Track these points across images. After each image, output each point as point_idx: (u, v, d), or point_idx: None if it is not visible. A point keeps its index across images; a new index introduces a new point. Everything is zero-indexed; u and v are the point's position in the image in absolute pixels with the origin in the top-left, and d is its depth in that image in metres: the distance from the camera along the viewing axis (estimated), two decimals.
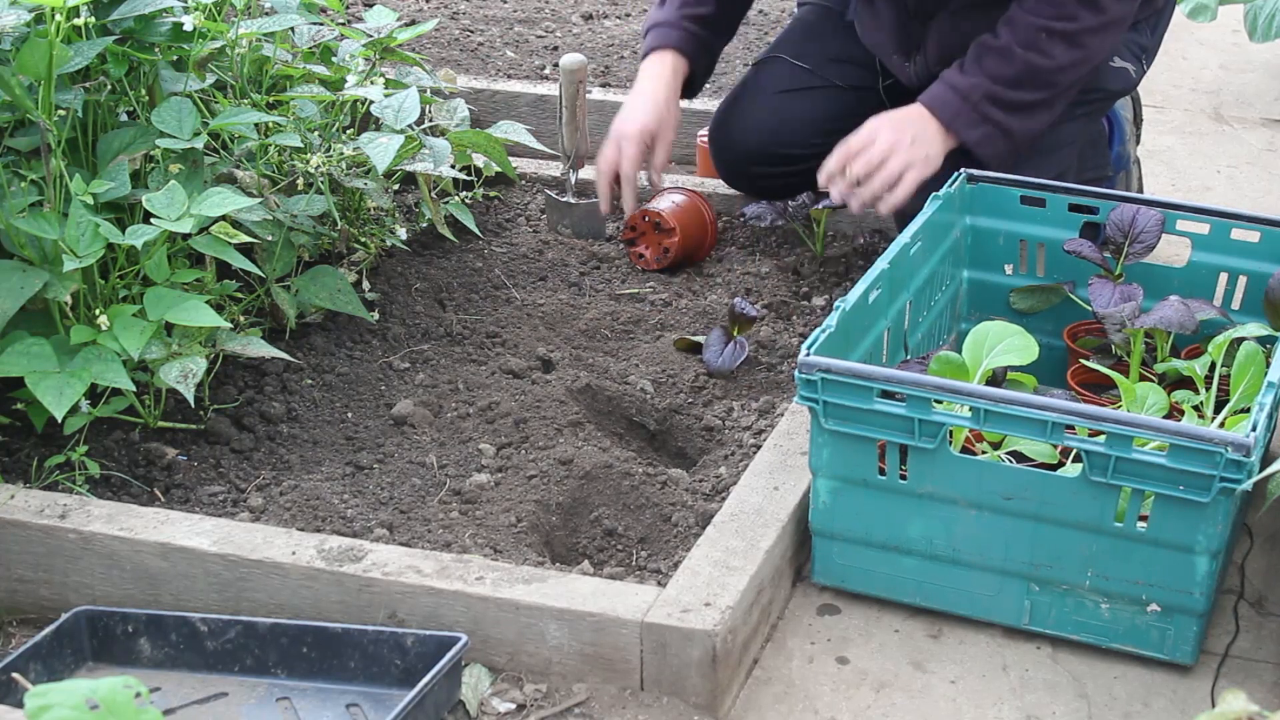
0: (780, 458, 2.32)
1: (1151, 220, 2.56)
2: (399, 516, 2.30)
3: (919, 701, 2.06)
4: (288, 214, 2.61)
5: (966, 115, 2.71)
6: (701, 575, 2.07)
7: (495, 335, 2.79)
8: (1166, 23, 2.99)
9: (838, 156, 2.74)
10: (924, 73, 2.89)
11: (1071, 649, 2.14)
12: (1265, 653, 2.14)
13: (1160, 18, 2.96)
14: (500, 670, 2.07)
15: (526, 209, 3.29)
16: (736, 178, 3.18)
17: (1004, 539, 2.10)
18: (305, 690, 2.03)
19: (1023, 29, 2.67)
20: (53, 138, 2.29)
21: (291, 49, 2.82)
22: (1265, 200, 3.55)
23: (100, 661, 2.09)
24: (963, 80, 2.71)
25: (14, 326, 2.27)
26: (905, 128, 2.72)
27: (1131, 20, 2.80)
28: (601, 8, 4.60)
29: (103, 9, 2.41)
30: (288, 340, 2.68)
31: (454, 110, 3.07)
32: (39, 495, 2.22)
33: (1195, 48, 4.50)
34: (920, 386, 2.06)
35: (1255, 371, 2.28)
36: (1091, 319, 2.57)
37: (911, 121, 2.73)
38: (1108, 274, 2.55)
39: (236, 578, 2.12)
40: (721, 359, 2.68)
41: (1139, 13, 2.88)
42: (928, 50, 2.88)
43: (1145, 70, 2.96)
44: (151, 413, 2.42)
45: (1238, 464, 1.93)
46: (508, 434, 2.48)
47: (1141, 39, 2.92)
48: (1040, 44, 2.66)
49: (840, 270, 3.05)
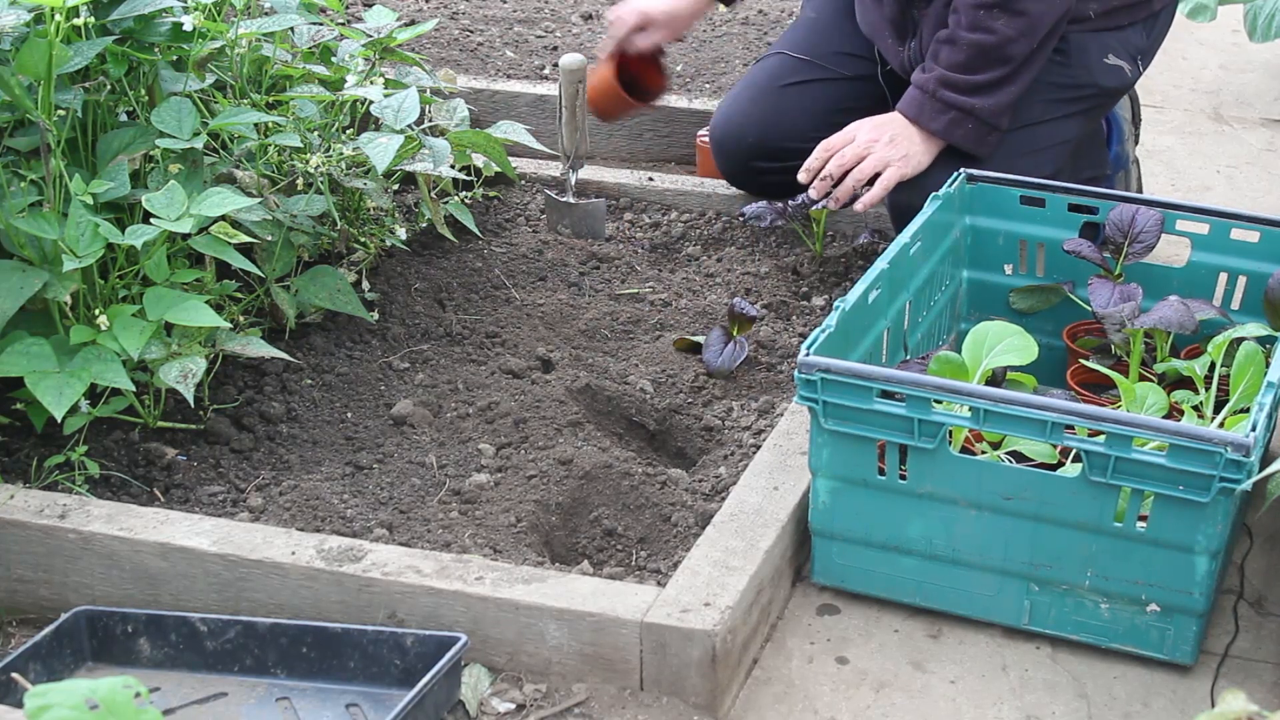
0: (780, 458, 2.32)
1: (1151, 220, 2.56)
2: (399, 516, 2.30)
3: (919, 701, 2.06)
4: (287, 214, 2.61)
5: (930, 107, 2.78)
6: (701, 575, 2.07)
7: (495, 335, 2.79)
8: (1165, 27, 3.00)
9: (817, 154, 2.83)
10: (915, 58, 2.93)
11: (1071, 649, 2.14)
12: (1265, 653, 2.14)
13: (1157, 20, 2.96)
14: (500, 670, 2.07)
15: (526, 209, 3.29)
16: (737, 175, 3.19)
17: (1004, 539, 2.10)
18: (305, 690, 2.03)
19: (965, 12, 2.75)
20: (52, 138, 2.29)
21: (291, 49, 2.82)
22: (1265, 200, 3.55)
23: (100, 661, 2.09)
24: (921, 77, 2.80)
25: (14, 326, 2.27)
26: (884, 128, 2.80)
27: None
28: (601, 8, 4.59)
29: (103, 9, 2.41)
30: (287, 340, 2.68)
31: (454, 110, 3.07)
32: (39, 495, 2.22)
33: (1195, 48, 4.49)
34: (920, 386, 2.06)
35: (1255, 371, 2.28)
36: (1091, 319, 2.57)
37: (891, 122, 2.81)
38: (1107, 274, 2.55)
39: (236, 578, 2.12)
40: (721, 359, 2.68)
41: (1134, 14, 2.89)
42: (921, 35, 2.89)
43: (1141, 71, 2.96)
44: (151, 413, 2.42)
45: (1237, 464, 1.93)
46: (507, 434, 2.48)
47: (1136, 40, 2.92)
48: (982, 22, 2.73)
49: (840, 270, 3.05)
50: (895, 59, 3.00)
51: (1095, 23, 2.87)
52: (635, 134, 3.68)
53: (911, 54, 2.94)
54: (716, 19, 4.44)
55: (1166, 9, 2.98)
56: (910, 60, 2.94)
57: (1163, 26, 2.99)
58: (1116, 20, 2.89)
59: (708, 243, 3.19)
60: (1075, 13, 2.83)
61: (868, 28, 3.05)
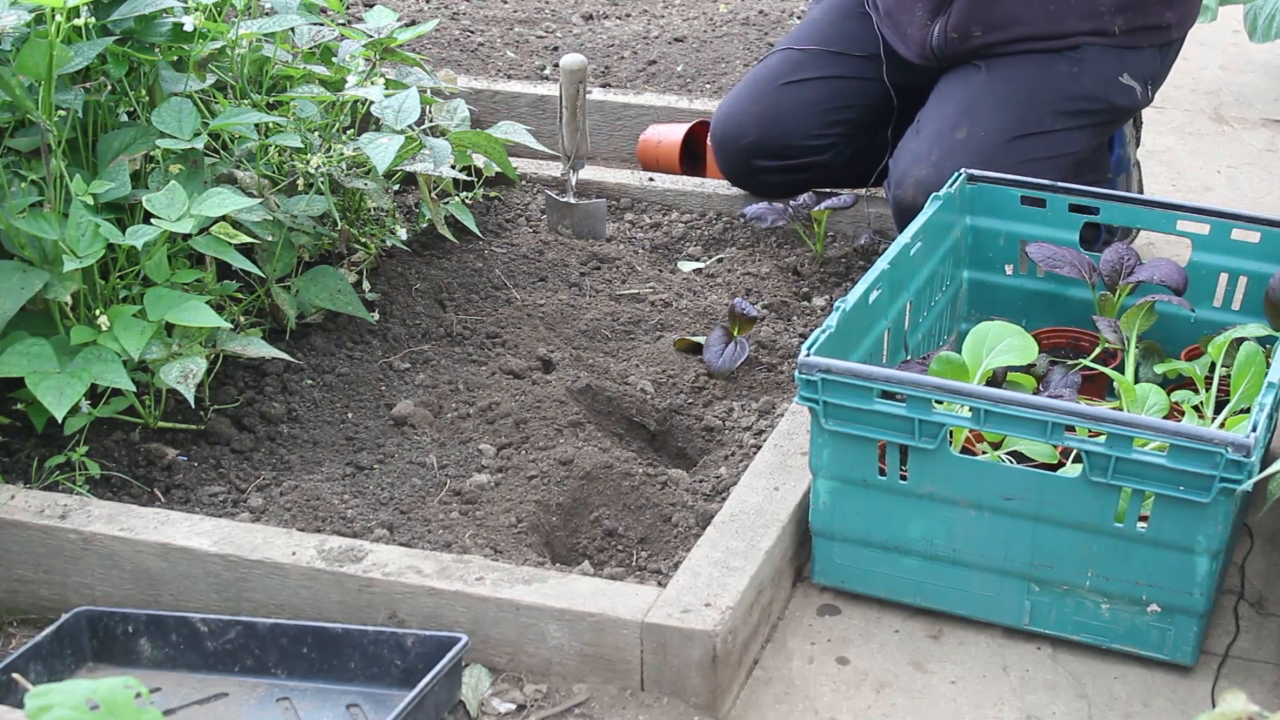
0: (780, 458, 2.32)
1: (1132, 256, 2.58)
2: (399, 517, 2.30)
3: (919, 702, 2.06)
4: (288, 214, 2.61)
5: None
6: (702, 575, 2.07)
7: (495, 335, 2.79)
8: (1175, 55, 3.04)
9: None
10: (941, 38, 2.92)
11: (1071, 649, 2.14)
12: (1265, 653, 2.14)
13: (1171, 48, 3.00)
14: (500, 670, 2.07)
15: (526, 209, 3.29)
16: (739, 175, 3.19)
17: (1004, 539, 2.10)
18: (305, 690, 2.03)
19: None
20: (53, 138, 2.29)
21: (291, 49, 2.82)
22: (1265, 200, 3.55)
23: (100, 662, 2.09)
24: None
25: (14, 327, 2.27)
26: None
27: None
28: (601, 8, 4.60)
29: (103, 9, 2.41)
30: (288, 340, 2.68)
31: (454, 110, 3.07)
32: (39, 495, 2.22)
33: (1195, 48, 4.49)
34: (920, 387, 2.06)
35: (1255, 372, 2.28)
36: (1069, 326, 2.60)
37: None
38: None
39: (236, 578, 2.12)
40: (722, 359, 2.68)
41: (1152, 38, 2.92)
42: (951, 13, 2.90)
43: (1151, 98, 2.99)
44: (151, 413, 2.42)
45: (1238, 464, 1.93)
46: (508, 434, 2.48)
47: (1151, 64, 2.95)
48: None
49: (840, 270, 3.05)
50: (915, 42, 2.98)
51: (1117, 39, 2.89)
52: (636, 134, 3.67)
53: (938, 34, 2.94)
54: (717, 19, 4.45)
55: (1180, 40, 3.01)
56: (935, 40, 2.94)
57: (1174, 54, 3.03)
58: (1136, 40, 2.91)
59: (708, 243, 3.19)
60: (1099, 27, 2.84)
61: (889, 12, 3.04)
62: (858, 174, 3.19)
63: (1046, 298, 2.69)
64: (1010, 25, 2.90)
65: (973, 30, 2.91)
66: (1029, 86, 2.89)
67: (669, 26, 4.39)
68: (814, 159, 3.12)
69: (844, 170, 3.17)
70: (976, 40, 2.92)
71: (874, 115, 3.12)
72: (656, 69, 4.04)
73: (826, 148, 3.11)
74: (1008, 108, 2.87)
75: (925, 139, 2.87)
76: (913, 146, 2.88)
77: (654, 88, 3.90)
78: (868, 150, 3.15)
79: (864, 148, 3.15)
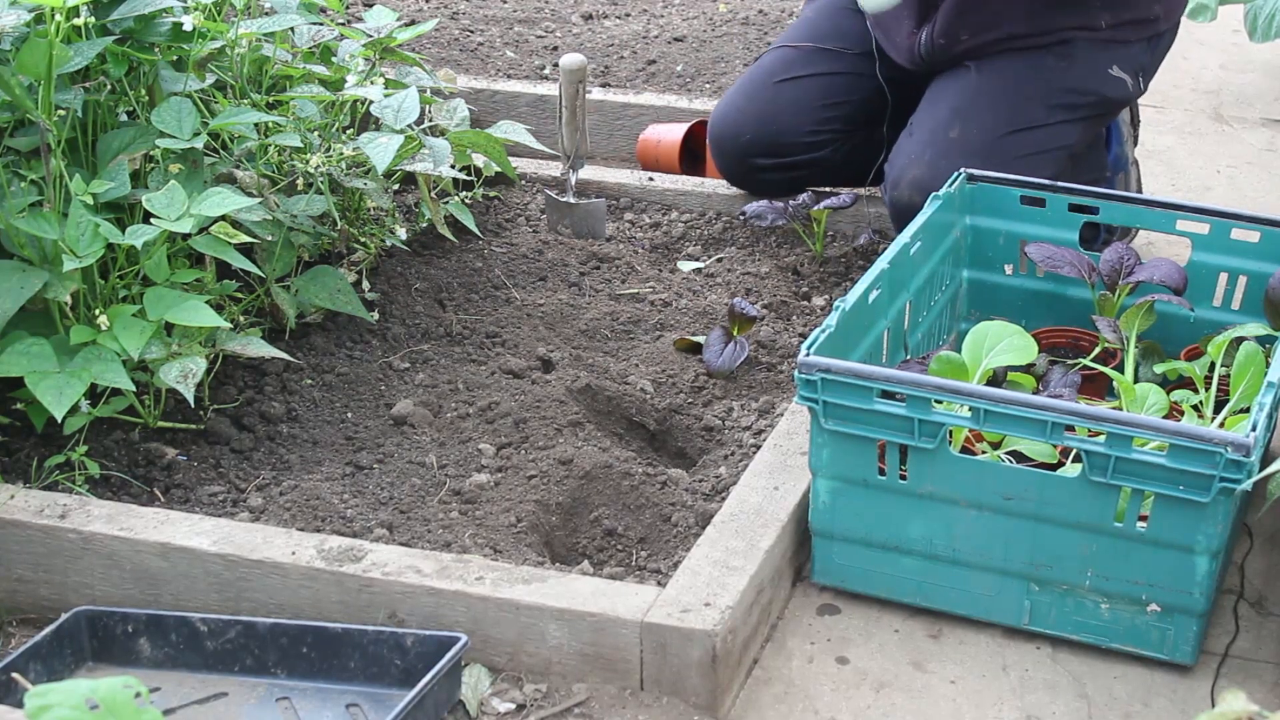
0: (780, 458, 2.32)
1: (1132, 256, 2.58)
2: (399, 516, 2.30)
3: (919, 701, 2.06)
4: (288, 214, 2.61)
5: None
6: (701, 575, 2.07)
7: (495, 335, 2.79)
8: (1167, 47, 3.04)
9: None
10: (929, 45, 2.93)
11: (1071, 649, 2.14)
12: (1265, 653, 2.14)
13: (1161, 40, 3.00)
14: (500, 670, 2.07)
15: (526, 209, 3.29)
16: (737, 174, 3.19)
17: (1004, 539, 2.10)
18: (305, 690, 2.03)
19: None
20: (53, 138, 2.29)
21: (291, 49, 2.82)
22: (1265, 200, 3.55)
23: (100, 661, 2.09)
24: None
25: (14, 326, 2.27)
26: None
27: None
28: (601, 8, 4.60)
29: (103, 9, 2.41)
30: (288, 340, 2.67)
31: (454, 110, 3.07)
32: (39, 495, 2.22)
33: (1195, 48, 4.49)
34: (920, 386, 2.06)
35: (1255, 371, 2.28)
36: (1069, 325, 2.59)
37: None
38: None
39: (236, 578, 2.12)
40: (721, 359, 2.68)
41: (1140, 31, 2.92)
42: (937, 21, 2.90)
43: (1143, 89, 3.00)
44: (151, 413, 2.42)
45: (1238, 464, 1.93)
46: (508, 434, 2.48)
47: (1141, 57, 2.96)
48: None
49: (840, 270, 3.05)
50: (904, 49, 2.99)
51: (1105, 33, 2.89)
52: (635, 134, 3.67)
53: (925, 41, 2.94)
54: (716, 18, 4.45)
55: (1170, 30, 3.01)
56: (924, 46, 2.95)
57: (1165, 46, 3.03)
58: (1124, 35, 2.92)
59: (708, 243, 3.19)
60: (1086, 21, 2.85)
61: (879, 17, 3.04)
62: (855, 172, 3.19)
63: (1046, 297, 2.69)
64: (997, 26, 2.91)
65: (960, 35, 2.92)
66: (1019, 82, 2.90)
67: (669, 26, 4.39)
68: (811, 156, 3.12)
69: (841, 167, 3.17)
70: (964, 44, 2.93)
71: (869, 111, 3.12)
72: (656, 69, 4.04)
73: (823, 144, 3.12)
74: (999, 104, 2.88)
75: (919, 140, 2.87)
76: (907, 148, 2.89)
77: (654, 87, 3.90)
78: (865, 147, 3.15)
79: (861, 144, 3.15)
